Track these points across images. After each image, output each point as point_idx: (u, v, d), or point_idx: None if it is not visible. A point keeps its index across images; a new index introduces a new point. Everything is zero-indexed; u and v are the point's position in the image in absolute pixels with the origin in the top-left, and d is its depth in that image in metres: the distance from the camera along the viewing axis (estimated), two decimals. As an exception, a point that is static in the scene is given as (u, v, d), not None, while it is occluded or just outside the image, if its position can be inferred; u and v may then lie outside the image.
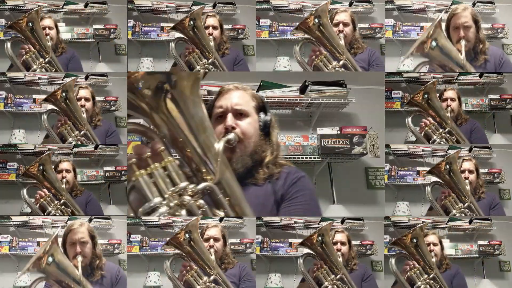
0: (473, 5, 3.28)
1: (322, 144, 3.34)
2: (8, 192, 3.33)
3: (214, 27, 3.17)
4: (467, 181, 3.09)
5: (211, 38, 3.13)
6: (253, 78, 3.29)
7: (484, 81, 3.37)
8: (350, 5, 3.36)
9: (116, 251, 3.35)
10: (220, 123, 1.98)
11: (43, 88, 3.38)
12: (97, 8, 3.41)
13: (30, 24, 3.09)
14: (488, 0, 3.36)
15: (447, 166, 3.05)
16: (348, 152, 3.34)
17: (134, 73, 1.41)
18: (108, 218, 3.31)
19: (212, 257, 3.01)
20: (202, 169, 1.47)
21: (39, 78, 3.34)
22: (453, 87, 3.22)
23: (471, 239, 3.41)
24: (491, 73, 3.27)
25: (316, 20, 2.99)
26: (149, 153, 1.43)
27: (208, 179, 1.46)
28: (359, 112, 3.57)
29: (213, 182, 1.46)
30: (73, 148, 3.25)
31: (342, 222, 3.32)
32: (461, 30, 2.94)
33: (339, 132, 3.36)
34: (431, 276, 3.03)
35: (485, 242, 3.38)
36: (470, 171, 3.12)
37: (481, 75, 3.28)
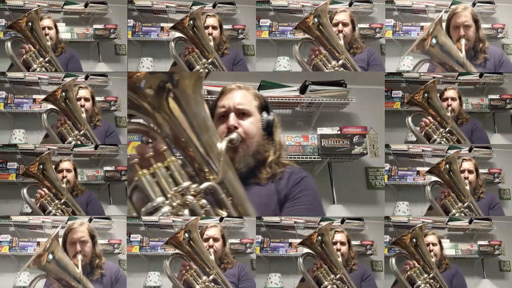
0: (473, 5, 3.28)
1: (322, 144, 3.34)
2: (8, 192, 3.33)
3: (214, 27, 3.17)
4: (467, 181, 3.09)
5: (211, 38, 3.13)
6: (253, 78, 3.28)
7: (484, 81, 3.37)
8: (350, 5, 3.36)
9: (116, 251, 3.35)
10: (223, 123, 1.97)
11: (43, 88, 3.37)
12: (97, 8, 3.41)
13: (30, 24, 3.09)
14: (488, 0, 3.37)
15: (447, 166, 3.05)
16: (348, 152, 3.34)
17: (136, 73, 1.41)
18: (108, 218, 3.31)
19: (212, 257, 3.01)
20: (205, 169, 1.47)
21: (39, 78, 3.34)
22: (454, 87, 3.22)
23: (471, 239, 3.41)
24: (491, 73, 3.27)
25: (316, 20, 2.99)
26: (152, 153, 1.42)
27: (211, 179, 1.46)
28: (359, 112, 3.57)
29: (216, 182, 1.46)
30: (73, 148, 3.25)
31: (342, 222, 3.32)
32: (461, 29, 2.96)
33: (339, 132, 3.36)
34: (431, 276, 3.03)
35: (485, 242, 3.38)
36: (470, 171, 3.12)
37: (481, 75, 3.28)
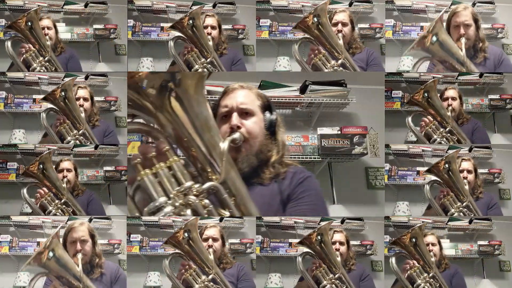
0: (473, 5, 3.29)
1: (322, 144, 3.34)
2: (8, 192, 3.33)
3: (213, 27, 3.17)
4: (466, 181, 3.09)
5: (210, 38, 3.12)
6: (253, 78, 3.27)
7: (484, 81, 3.37)
8: (350, 5, 3.36)
9: (116, 251, 3.35)
10: (226, 123, 1.96)
11: (43, 88, 3.37)
12: (97, 8, 3.41)
13: (29, 24, 3.09)
14: (488, 0, 3.37)
15: (446, 165, 3.05)
16: (348, 152, 3.34)
17: (137, 73, 1.41)
18: (108, 218, 3.31)
19: (211, 257, 3.01)
20: (207, 169, 1.46)
21: (39, 78, 3.34)
22: (454, 87, 3.22)
23: (471, 239, 3.42)
24: (491, 73, 3.27)
25: (315, 19, 2.99)
26: (154, 153, 1.42)
27: (213, 179, 1.45)
28: (359, 112, 3.57)
29: (218, 182, 1.45)
30: (73, 148, 3.24)
31: (342, 222, 3.32)
32: (461, 28, 2.97)
33: (339, 132, 3.36)
34: (431, 275, 3.03)
35: (485, 242, 3.38)
36: (469, 171, 3.12)
37: (481, 75, 3.28)
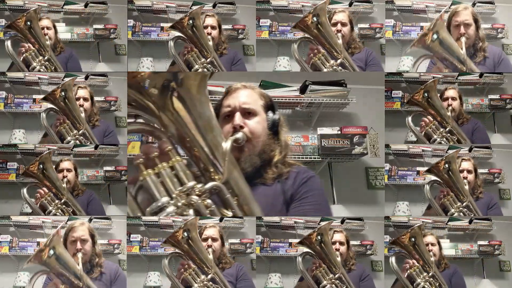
0: (473, 5, 3.29)
1: (322, 144, 3.34)
2: (8, 192, 3.33)
3: (213, 27, 3.17)
4: (466, 181, 3.10)
5: (210, 38, 3.12)
6: (253, 78, 3.28)
7: (484, 81, 3.38)
8: (350, 5, 3.36)
9: (116, 251, 3.34)
10: (228, 123, 1.95)
11: (43, 88, 3.37)
12: (97, 8, 3.41)
13: (29, 23, 3.08)
14: (488, 0, 3.37)
15: (446, 166, 3.05)
16: (349, 152, 3.34)
17: (139, 73, 1.41)
18: (108, 218, 3.31)
19: (210, 256, 3.01)
20: (210, 169, 1.46)
21: (39, 78, 3.34)
22: (454, 87, 3.22)
23: (471, 239, 3.42)
24: (491, 73, 3.27)
25: (315, 19, 2.99)
26: (157, 153, 1.42)
27: (216, 179, 1.45)
28: (359, 112, 3.57)
29: (221, 182, 1.45)
30: (73, 148, 3.24)
31: (342, 222, 3.32)
32: (462, 27, 2.98)
33: (340, 132, 3.36)
34: (431, 274, 3.03)
35: (485, 242, 3.38)
36: (469, 171, 3.12)
37: (481, 75, 3.29)
